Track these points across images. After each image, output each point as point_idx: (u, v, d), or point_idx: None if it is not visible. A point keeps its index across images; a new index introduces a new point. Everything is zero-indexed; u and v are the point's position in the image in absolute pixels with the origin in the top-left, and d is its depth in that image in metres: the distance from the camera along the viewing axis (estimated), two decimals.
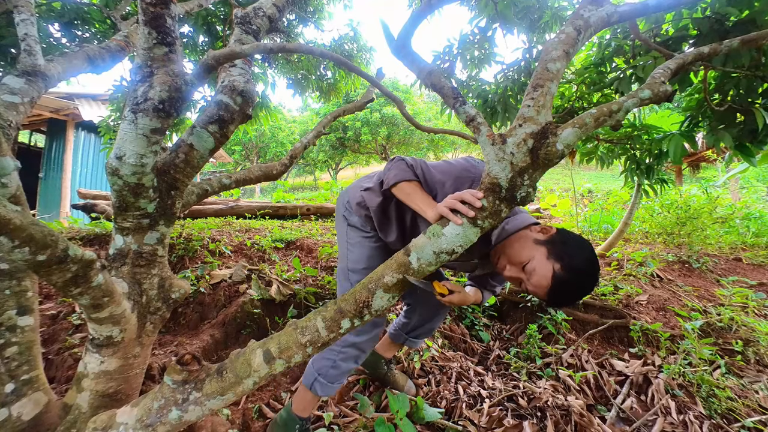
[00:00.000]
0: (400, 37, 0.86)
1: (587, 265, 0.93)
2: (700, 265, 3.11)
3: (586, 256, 0.94)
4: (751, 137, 1.82)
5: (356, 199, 1.22)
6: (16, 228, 0.61)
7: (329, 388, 1.20)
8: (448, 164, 1.09)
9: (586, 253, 0.94)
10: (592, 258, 0.94)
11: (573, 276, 0.91)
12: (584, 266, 0.93)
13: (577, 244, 0.96)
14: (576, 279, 0.92)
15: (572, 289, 0.93)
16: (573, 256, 0.92)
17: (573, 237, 0.99)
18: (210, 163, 14.62)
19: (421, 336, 1.49)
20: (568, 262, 0.92)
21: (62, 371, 1.42)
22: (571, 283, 0.92)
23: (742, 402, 1.55)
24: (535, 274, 0.93)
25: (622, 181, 3.06)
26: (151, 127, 0.91)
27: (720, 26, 1.63)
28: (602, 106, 0.79)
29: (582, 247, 0.95)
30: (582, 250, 0.95)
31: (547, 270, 0.92)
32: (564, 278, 0.91)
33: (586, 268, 0.93)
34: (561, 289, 0.92)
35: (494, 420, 1.40)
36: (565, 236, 0.98)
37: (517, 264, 0.97)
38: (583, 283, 0.93)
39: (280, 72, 4.06)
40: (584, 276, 0.93)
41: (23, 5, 1.40)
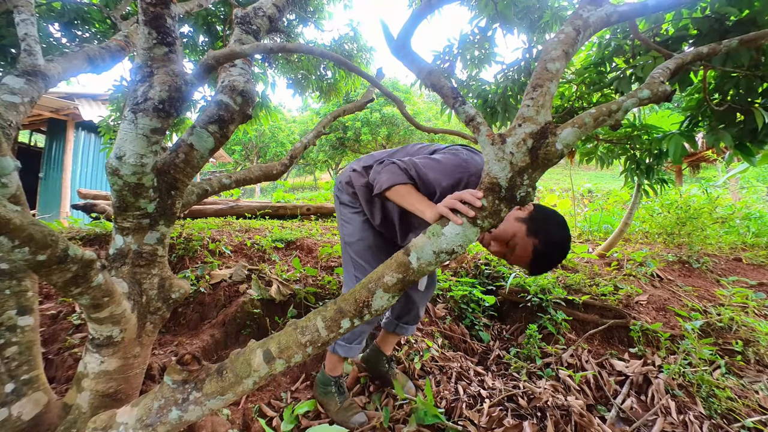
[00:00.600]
0: (399, 37, 0.86)
1: (562, 238, 1.06)
2: (700, 265, 3.11)
3: (561, 231, 1.06)
4: (751, 137, 1.82)
5: (345, 179, 1.36)
6: (16, 228, 0.61)
7: (350, 349, 1.36)
8: (438, 163, 1.11)
9: (560, 228, 1.06)
10: (565, 232, 1.07)
11: (550, 249, 1.04)
12: (559, 240, 1.05)
13: (554, 221, 1.07)
14: (553, 251, 1.04)
15: (549, 260, 1.05)
16: (550, 232, 1.04)
17: (549, 213, 1.09)
18: (210, 163, 14.63)
19: (410, 322, 1.52)
20: (545, 237, 1.03)
21: (62, 371, 1.42)
22: (549, 255, 1.04)
23: (742, 402, 1.55)
24: (518, 249, 1.04)
25: (622, 181, 3.06)
26: (151, 127, 0.91)
27: (720, 26, 1.63)
28: (601, 105, 0.79)
29: (557, 223, 1.06)
30: (557, 225, 1.06)
31: (527, 245, 1.03)
32: (542, 251, 1.03)
33: (561, 241, 1.05)
34: (540, 260, 1.05)
35: (494, 420, 1.40)
36: (542, 212, 1.08)
37: (501, 240, 1.07)
38: (559, 254, 1.06)
39: (280, 72, 4.07)
40: (560, 248, 1.05)
41: (23, 5, 1.40)
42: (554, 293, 2.25)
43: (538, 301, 2.19)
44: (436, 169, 1.08)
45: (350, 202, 1.35)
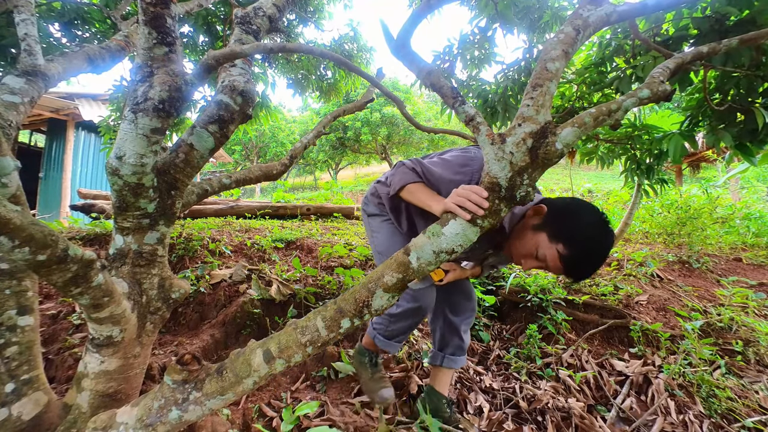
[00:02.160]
0: (399, 37, 0.86)
1: (589, 230, 0.91)
2: (700, 265, 3.11)
3: (585, 222, 0.91)
4: (751, 137, 1.81)
5: (371, 191, 1.39)
6: (16, 228, 0.61)
7: (389, 344, 1.33)
8: (445, 161, 1.12)
9: (584, 219, 0.92)
10: (591, 220, 0.92)
11: (579, 249, 0.89)
12: (587, 234, 0.90)
13: (571, 214, 0.93)
14: (583, 250, 0.90)
15: (584, 259, 0.91)
16: (571, 230, 0.91)
17: (565, 208, 0.96)
18: (210, 163, 14.63)
19: (456, 353, 1.38)
20: (568, 238, 0.90)
21: (62, 371, 1.42)
22: (580, 255, 0.90)
23: (742, 402, 1.55)
24: (548, 260, 0.93)
25: (622, 181, 3.05)
26: (151, 127, 0.91)
27: (720, 26, 1.63)
28: (601, 105, 0.79)
29: (577, 215, 0.93)
30: (578, 217, 0.92)
31: (553, 254, 0.92)
32: (570, 255, 0.90)
33: (590, 235, 0.90)
34: (573, 265, 0.91)
35: (494, 423, 1.40)
36: (556, 210, 0.96)
37: (529, 255, 0.98)
38: (594, 249, 0.90)
39: (280, 72, 4.07)
40: (591, 242, 0.90)
41: (23, 5, 1.40)
42: (554, 293, 2.25)
43: (538, 301, 2.19)
44: (443, 166, 1.10)
45: (378, 212, 1.36)
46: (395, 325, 1.30)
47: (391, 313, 1.28)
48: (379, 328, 1.34)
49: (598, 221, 0.91)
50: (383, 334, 1.33)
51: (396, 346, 1.35)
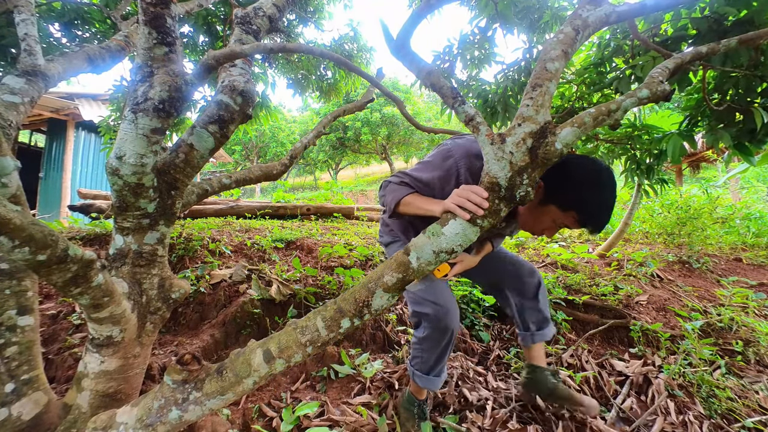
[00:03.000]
0: (399, 37, 0.86)
1: (590, 190, 0.96)
2: (700, 265, 3.11)
3: (583, 183, 0.96)
4: (749, 136, 1.81)
5: (381, 223, 1.44)
6: (16, 228, 0.61)
7: (429, 381, 1.27)
8: (427, 163, 1.13)
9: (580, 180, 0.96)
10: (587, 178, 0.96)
11: (591, 209, 0.95)
12: (590, 194, 0.95)
13: (567, 180, 0.97)
14: (594, 207, 0.95)
15: (598, 213, 0.96)
16: (575, 196, 0.96)
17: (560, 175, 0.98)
18: (210, 163, 14.63)
19: (543, 326, 1.38)
20: (576, 204, 0.96)
21: (62, 371, 1.42)
22: (594, 212, 0.96)
23: (742, 402, 1.55)
24: (569, 225, 1.00)
25: (622, 181, 3.06)
26: (152, 127, 0.91)
27: (719, 26, 1.64)
28: (601, 105, 0.79)
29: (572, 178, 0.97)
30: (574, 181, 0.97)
31: (571, 221, 0.98)
32: (586, 216, 0.96)
33: (593, 193, 0.95)
34: (592, 222, 0.97)
35: (498, 422, 1.40)
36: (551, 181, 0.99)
37: (550, 228, 1.04)
38: (602, 201, 0.96)
39: (280, 72, 4.07)
40: (597, 198, 0.95)
41: (23, 5, 1.40)
42: (554, 293, 2.25)
43: None
44: (426, 168, 1.11)
45: (392, 239, 1.38)
46: (428, 353, 1.24)
47: (418, 337, 1.25)
48: (416, 364, 1.29)
49: (593, 175, 0.96)
50: (420, 369, 1.28)
51: (437, 382, 1.27)
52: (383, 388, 1.56)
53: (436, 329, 1.19)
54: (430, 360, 1.26)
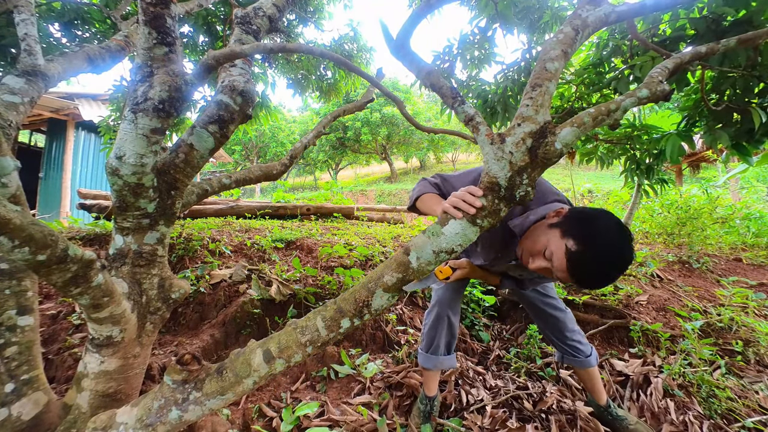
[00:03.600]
0: (399, 37, 0.86)
1: (605, 232, 0.85)
2: (700, 265, 3.11)
3: (603, 224, 0.87)
4: (747, 136, 1.82)
5: None
6: (16, 228, 0.61)
7: (426, 357, 1.40)
8: (464, 172, 1.16)
9: (602, 222, 0.87)
10: (610, 225, 0.86)
11: (588, 248, 0.84)
12: (600, 234, 0.85)
13: (593, 215, 0.90)
14: (593, 249, 0.84)
15: (592, 260, 0.84)
16: (586, 228, 0.86)
17: (589, 210, 0.93)
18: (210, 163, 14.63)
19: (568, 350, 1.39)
20: (581, 234, 0.86)
21: (62, 371, 1.43)
22: (590, 256, 0.84)
23: (742, 402, 1.55)
24: (554, 258, 0.89)
25: (622, 181, 3.06)
26: (151, 127, 0.91)
27: (717, 26, 1.64)
28: (600, 105, 0.79)
29: (598, 217, 0.89)
30: (598, 219, 0.88)
31: (561, 249, 0.87)
32: (579, 253, 0.85)
33: (603, 236, 0.85)
34: (578, 263, 0.85)
35: (497, 421, 1.40)
36: (579, 211, 0.93)
37: (537, 254, 0.94)
38: (604, 252, 0.84)
39: (280, 72, 4.07)
40: (602, 243, 0.84)
41: (23, 5, 1.40)
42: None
43: None
44: (460, 175, 1.14)
45: None
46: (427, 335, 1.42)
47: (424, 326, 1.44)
48: (421, 340, 1.46)
49: (617, 228, 0.87)
50: (422, 345, 1.44)
51: (432, 361, 1.39)
52: (383, 388, 1.56)
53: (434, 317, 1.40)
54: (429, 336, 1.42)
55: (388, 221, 5.88)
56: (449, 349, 1.42)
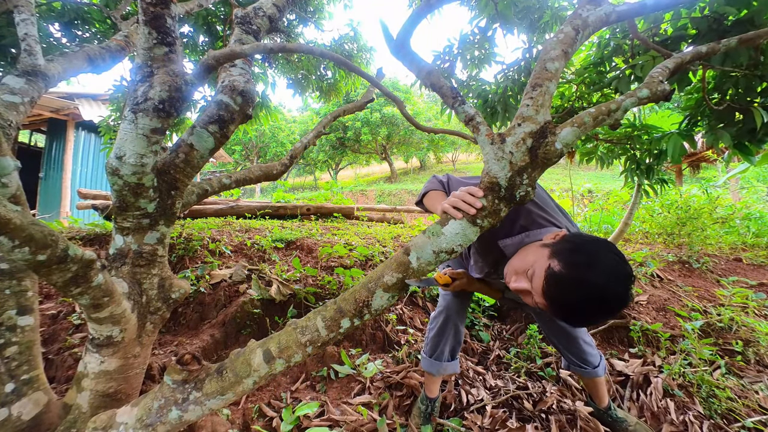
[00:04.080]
0: (399, 36, 0.86)
1: (597, 262, 0.74)
2: (700, 265, 3.11)
3: (600, 254, 0.76)
4: (749, 136, 1.81)
5: None
6: (16, 228, 0.61)
7: (429, 362, 1.41)
8: (472, 178, 1.15)
9: (600, 252, 0.77)
10: (608, 257, 0.75)
11: (572, 273, 0.74)
12: (592, 265, 0.74)
13: (592, 242, 0.80)
14: (576, 277, 0.73)
15: (571, 289, 0.74)
16: (580, 253, 0.76)
17: (590, 237, 0.83)
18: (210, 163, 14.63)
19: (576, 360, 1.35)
20: (570, 258, 0.76)
21: (62, 371, 1.43)
22: (569, 281, 0.74)
23: (742, 402, 1.55)
24: (535, 277, 0.81)
25: (622, 181, 3.06)
26: (151, 127, 0.91)
27: (718, 25, 1.63)
28: (601, 105, 0.79)
29: (597, 244, 0.79)
30: (596, 246, 0.78)
31: (543, 268, 0.78)
32: (560, 275, 0.75)
33: (595, 267, 0.73)
34: (557, 289, 0.75)
35: (497, 421, 1.40)
36: (579, 236, 0.85)
37: (521, 273, 0.86)
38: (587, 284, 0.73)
39: (280, 72, 4.07)
40: (589, 276, 0.73)
41: (23, 5, 1.40)
42: None
43: None
44: (467, 179, 1.13)
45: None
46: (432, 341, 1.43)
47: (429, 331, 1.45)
48: (424, 345, 1.47)
49: (614, 263, 0.75)
50: (425, 350, 1.44)
51: (436, 366, 1.40)
52: (383, 388, 1.56)
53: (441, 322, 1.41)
54: (432, 341, 1.42)
55: (388, 221, 5.88)
56: (453, 355, 1.42)
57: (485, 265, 1.16)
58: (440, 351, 1.40)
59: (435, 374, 1.40)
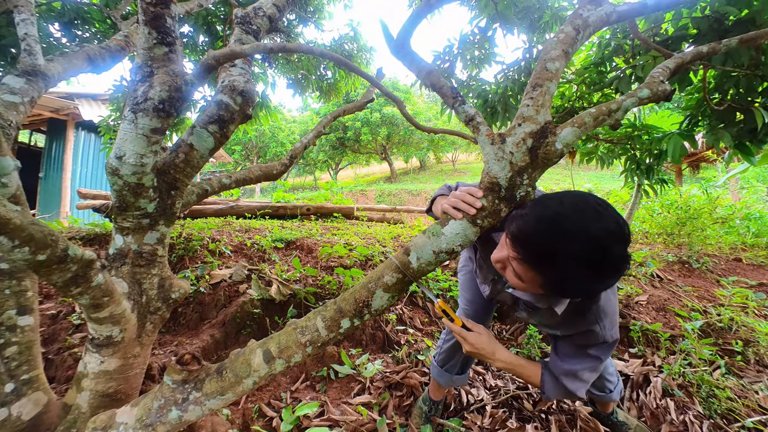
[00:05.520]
0: (399, 36, 0.86)
1: (556, 197, 0.66)
2: (700, 265, 3.11)
3: (561, 194, 0.68)
4: (750, 136, 1.81)
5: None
6: (16, 228, 0.61)
7: (439, 372, 1.35)
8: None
9: (562, 193, 0.69)
10: (569, 193, 0.67)
11: (533, 209, 0.66)
12: (551, 198, 0.66)
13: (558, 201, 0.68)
14: (537, 212, 0.65)
15: (533, 223, 0.65)
16: (544, 197, 0.69)
17: (554, 195, 0.71)
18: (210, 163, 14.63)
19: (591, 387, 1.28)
20: (533, 202, 0.69)
21: (62, 371, 1.42)
22: (531, 218, 0.65)
23: (742, 402, 1.55)
24: (504, 238, 0.75)
25: (622, 181, 3.06)
26: (151, 127, 0.91)
27: (719, 25, 1.63)
28: (601, 105, 0.79)
29: (551, 199, 0.69)
30: (560, 193, 0.69)
31: (509, 227, 0.71)
32: (522, 215, 0.67)
33: (553, 200, 0.66)
34: (522, 230, 0.66)
35: (497, 421, 1.40)
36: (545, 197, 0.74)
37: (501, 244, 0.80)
38: (550, 213, 0.63)
39: (280, 72, 4.07)
40: (550, 208, 0.65)
41: (23, 5, 1.40)
42: None
43: None
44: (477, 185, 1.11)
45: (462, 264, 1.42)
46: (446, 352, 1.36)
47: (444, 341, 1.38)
48: (435, 352, 1.41)
49: (575, 195, 0.67)
50: (436, 358, 1.39)
51: (445, 377, 1.34)
52: (383, 388, 1.56)
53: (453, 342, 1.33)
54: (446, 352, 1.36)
55: (388, 221, 5.88)
56: (464, 369, 1.37)
57: (489, 271, 1.11)
58: (452, 364, 1.35)
59: (443, 385, 1.38)
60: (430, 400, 1.42)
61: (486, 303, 1.28)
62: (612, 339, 0.87)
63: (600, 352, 0.88)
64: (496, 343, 0.93)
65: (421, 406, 1.43)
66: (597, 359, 0.89)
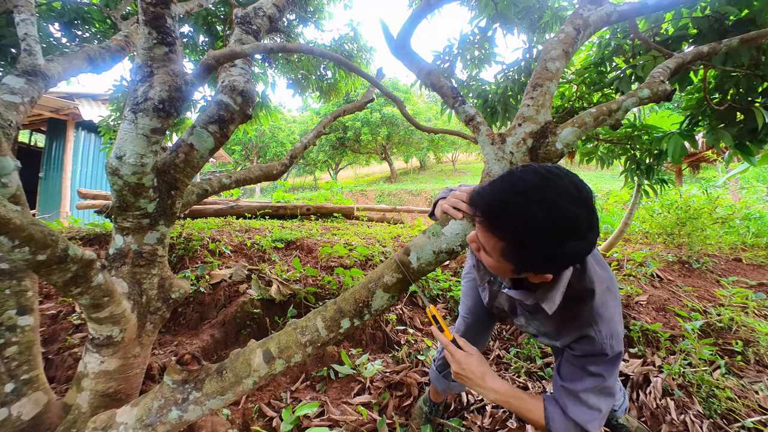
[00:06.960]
0: (399, 36, 0.86)
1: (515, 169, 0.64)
2: (700, 265, 3.11)
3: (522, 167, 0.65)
4: (750, 136, 1.81)
5: None
6: (16, 228, 0.61)
7: (437, 377, 1.34)
8: None
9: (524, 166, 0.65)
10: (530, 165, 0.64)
11: (493, 181, 0.64)
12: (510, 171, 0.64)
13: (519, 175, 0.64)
14: (496, 182, 0.63)
15: (490, 188, 0.63)
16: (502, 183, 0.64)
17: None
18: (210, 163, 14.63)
19: None
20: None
21: (62, 371, 1.42)
22: (489, 187, 0.63)
23: (742, 402, 1.55)
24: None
25: (622, 181, 3.06)
26: (151, 127, 0.91)
27: (720, 25, 1.63)
28: (602, 105, 0.79)
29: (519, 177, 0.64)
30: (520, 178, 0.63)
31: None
32: (480, 188, 0.65)
33: (511, 171, 0.64)
34: (481, 196, 0.64)
35: (497, 421, 1.40)
36: None
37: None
38: (506, 182, 0.62)
39: (280, 72, 4.07)
40: (506, 176, 0.63)
41: (23, 5, 1.40)
42: None
43: None
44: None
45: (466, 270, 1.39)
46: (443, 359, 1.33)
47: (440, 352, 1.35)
48: (435, 358, 1.39)
49: (534, 166, 0.64)
50: (436, 364, 1.36)
51: (443, 383, 1.33)
52: (383, 388, 1.56)
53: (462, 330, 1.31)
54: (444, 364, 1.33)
55: (388, 221, 5.88)
56: None
57: (486, 272, 1.09)
58: (450, 371, 1.30)
59: (440, 391, 1.36)
60: (431, 401, 1.42)
61: (486, 313, 1.23)
62: (613, 352, 0.78)
63: (601, 369, 0.79)
64: (489, 369, 0.84)
65: (422, 406, 1.43)
66: (599, 377, 0.79)
